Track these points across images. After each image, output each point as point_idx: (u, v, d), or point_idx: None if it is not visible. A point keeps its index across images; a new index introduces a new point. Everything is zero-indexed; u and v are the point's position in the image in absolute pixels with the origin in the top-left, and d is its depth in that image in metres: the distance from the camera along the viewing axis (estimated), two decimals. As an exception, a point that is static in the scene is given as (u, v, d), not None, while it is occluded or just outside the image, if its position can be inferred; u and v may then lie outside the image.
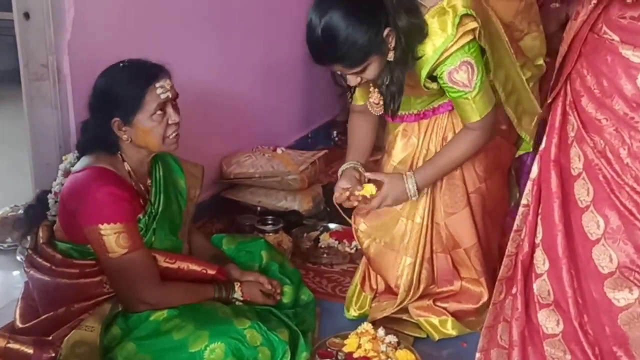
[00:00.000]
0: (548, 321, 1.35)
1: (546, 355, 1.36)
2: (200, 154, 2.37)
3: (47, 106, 2.01)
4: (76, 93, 2.04)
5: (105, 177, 1.74)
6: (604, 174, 1.22)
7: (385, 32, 1.67)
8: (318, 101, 3.69)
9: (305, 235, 2.67)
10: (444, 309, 2.07)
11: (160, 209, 1.90)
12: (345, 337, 1.99)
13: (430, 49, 1.73)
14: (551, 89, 1.35)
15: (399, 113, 1.95)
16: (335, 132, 3.82)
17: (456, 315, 2.07)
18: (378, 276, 2.14)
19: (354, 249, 2.57)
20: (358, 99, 2.00)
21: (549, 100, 1.37)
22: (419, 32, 1.71)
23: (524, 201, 1.44)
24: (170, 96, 1.79)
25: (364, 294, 2.17)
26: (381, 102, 1.84)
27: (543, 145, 1.37)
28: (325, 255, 2.56)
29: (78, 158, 1.85)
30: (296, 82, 3.46)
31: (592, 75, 1.22)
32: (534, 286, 1.38)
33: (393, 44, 1.69)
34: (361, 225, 2.08)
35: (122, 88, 1.75)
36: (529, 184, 1.42)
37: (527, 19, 2.06)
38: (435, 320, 2.06)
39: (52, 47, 1.96)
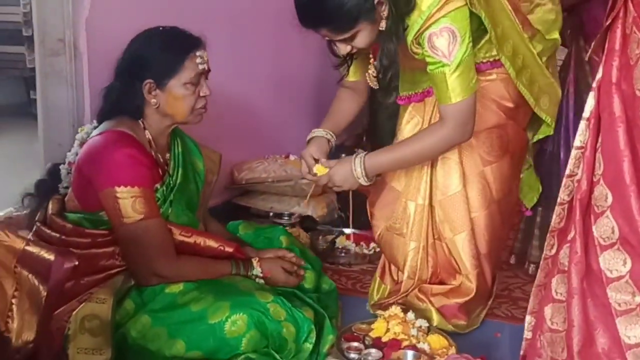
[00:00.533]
0: (612, 263, 1.25)
1: (610, 303, 1.25)
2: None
3: (62, 83, 1.96)
4: (92, 71, 2.00)
5: (125, 140, 1.67)
6: None
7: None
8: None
9: (321, 237, 2.57)
10: (430, 301, 1.94)
11: (178, 182, 1.81)
12: (372, 323, 1.87)
13: (416, 14, 1.65)
14: (609, 11, 1.30)
15: (406, 93, 1.91)
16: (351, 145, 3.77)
17: (441, 312, 1.92)
18: None
19: (372, 250, 2.47)
20: (351, 74, 1.92)
21: (606, 24, 1.31)
22: (408, 2, 1.64)
23: (576, 143, 1.35)
24: (206, 68, 1.76)
25: (383, 285, 2.06)
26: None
27: (600, 74, 1.30)
28: (343, 255, 2.46)
29: (95, 128, 1.79)
30: (308, 94, 3.44)
31: None
32: (594, 228, 1.28)
33: (385, 13, 1.63)
34: (375, 214, 2.03)
35: (160, 50, 1.72)
36: (583, 123, 1.34)
37: None
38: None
39: (69, 23, 1.93)
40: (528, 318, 1.46)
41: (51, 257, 0.98)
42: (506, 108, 1.85)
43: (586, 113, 1.33)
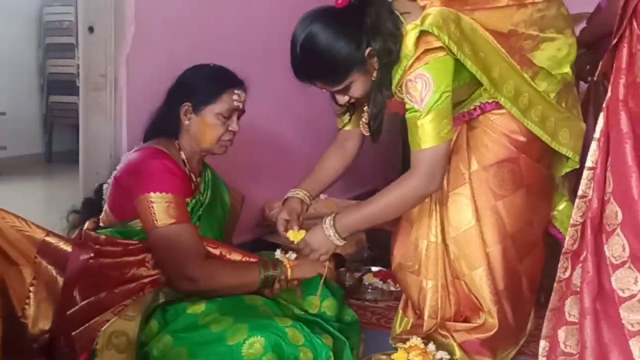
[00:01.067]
0: (624, 282, 1.24)
1: (623, 324, 1.23)
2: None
3: (102, 115, 2.08)
4: (130, 104, 2.11)
5: (160, 154, 1.81)
6: None
7: (367, 51, 1.67)
8: (363, 166, 3.70)
9: (348, 274, 2.58)
10: (452, 337, 1.90)
11: (207, 201, 1.93)
12: (392, 354, 1.85)
13: (400, 65, 1.71)
14: (615, 30, 1.33)
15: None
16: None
17: (463, 347, 1.88)
18: None
19: (399, 287, 2.46)
20: (350, 124, 1.97)
21: (613, 42, 1.34)
22: (393, 56, 1.68)
23: (588, 164, 1.37)
24: (241, 107, 1.90)
25: (406, 318, 2.05)
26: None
27: (609, 93, 1.32)
28: (369, 291, 2.46)
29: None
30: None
31: None
32: (605, 248, 1.28)
33: (377, 64, 1.70)
34: (393, 249, 2.02)
35: (204, 79, 1.88)
36: (593, 144, 1.36)
37: (539, 25, 1.83)
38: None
39: (111, 59, 2.05)
40: (542, 343, 1.44)
41: (69, 248, 1.03)
42: (517, 142, 1.84)
43: (597, 133, 1.34)
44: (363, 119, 1.87)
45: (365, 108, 1.82)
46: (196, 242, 1.77)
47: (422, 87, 1.65)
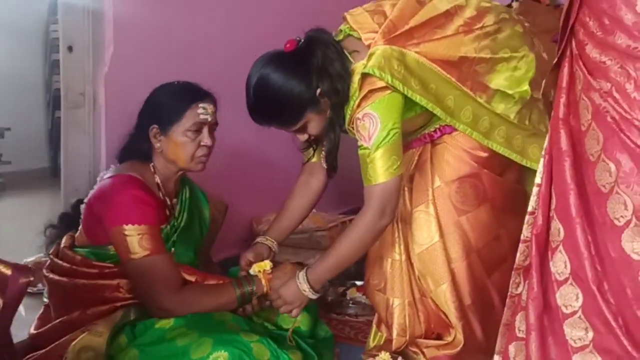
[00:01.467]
0: (567, 299, 1.24)
1: (567, 340, 1.24)
2: (231, 211, 2.40)
3: (81, 133, 2.13)
4: (109, 122, 2.16)
5: (133, 182, 1.79)
6: (612, 115, 1.16)
7: (318, 91, 1.71)
8: (356, 180, 3.71)
9: (331, 289, 2.59)
10: (422, 353, 1.91)
11: (182, 225, 1.92)
12: (362, 369, 1.87)
13: (350, 104, 1.74)
14: (557, 49, 1.34)
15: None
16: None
17: None
18: None
19: (381, 302, 2.46)
20: (314, 157, 1.99)
21: (554, 61, 1.35)
22: (342, 96, 1.72)
23: (536, 180, 1.37)
24: (210, 120, 1.86)
25: (379, 333, 2.05)
26: None
27: (553, 112, 1.33)
28: (351, 305, 2.47)
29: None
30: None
31: (594, 18, 1.21)
32: (551, 264, 1.28)
33: (327, 104, 1.74)
34: (365, 272, 2.05)
35: (168, 99, 1.85)
36: (541, 160, 1.37)
37: (491, 48, 1.81)
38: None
39: (89, 78, 2.10)
40: (496, 358, 1.44)
41: (8, 271, 1.06)
42: (478, 157, 1.84)
43: (543, 150, 1.35)
44: (323, 153, 1.91)
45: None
46: (170, 272, 1.77)
47: (370, 125, 1.68)
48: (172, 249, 1.86)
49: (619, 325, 1.17)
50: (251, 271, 1.87)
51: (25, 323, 1.90)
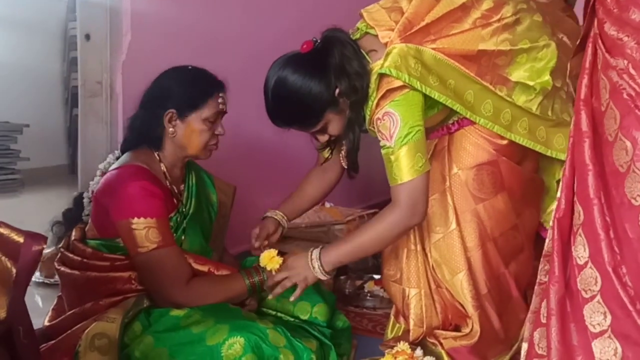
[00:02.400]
0: (586, 283, 1.20)
1: (586, 326, 1.20)
2: (247, 204, 2.39)
3: (99, 122, 2.12)
4: (126, 111, 2.15)
5: (139, 173, 1.76)
6: (629, 92, 1.14)
7: (336, 90, 1.69)
8: (376, 177, 3.68)
9: (348, 282, 2.57)
10: (440, 344, 1.87)
11: (191, 211, 1.90)
12: (380, 359, 1.83)
13: (369, 104, 1.72)
14: (582, 30, 1.31)
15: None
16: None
17: (451, 354, 1.86)
18: None
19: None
20: (327, 153, 1.97)
21: (577, 42, 1.32)
22: (361, 95, 1.70)
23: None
24: (225, 110, 1.87)
25: (397, 324, 2.02)
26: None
27: (576, 93, 1.30)
28: (369, 298, 2.44)
29: (117, 159, 1.91)
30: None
31: None
32: (573, 249, 1.25)
33: (346, 104, 1.71)
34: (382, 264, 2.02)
35: (187, 85, 1.82)
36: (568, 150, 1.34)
37: (510, 40, 1.77)
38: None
39: (107, 66, 2.10)
40: (524, 345, 1.40)
41: (21, 239, 1.05)
42: (498, 145, 1.81)
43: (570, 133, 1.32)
44: (342, 152, 1.88)
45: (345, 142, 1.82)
46: (179, 265, 1.75)
47: (390, 124, 1.66)
48: (183, 236, 1.84)
49: (636, 309, 1.14)
50: (262, 259, 1.81)
51: (42, 314, 1.89)
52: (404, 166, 1.67)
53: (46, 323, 1.85)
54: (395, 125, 1.66)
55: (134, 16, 2.15)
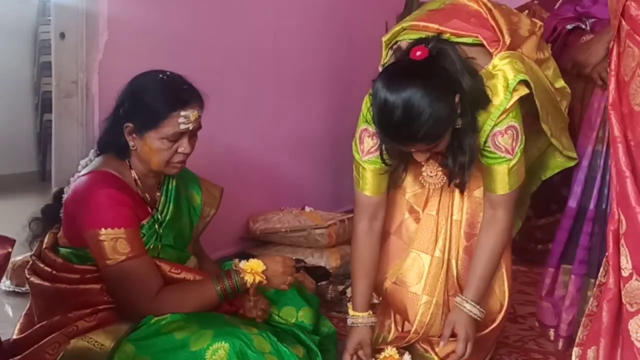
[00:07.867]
0: (632, 296, 1.16)
1: (633, 342, 1.16)
2: (228, 208, 2.33)
3: (74, 122, 2.05)
4: (102, 111, 2.08)
5: (107, 180, 1.68)
6: None
7: (456, 99, 1.59)
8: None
9: (330, 287, 2.53)
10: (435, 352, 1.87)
11: (167, 218, 1.81)
12: (367, 365, 1.80)
13: (486, 115, 1.65)
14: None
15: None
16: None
17: None
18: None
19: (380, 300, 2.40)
20: (375, 190, 1.82)
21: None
22: (484, 96, 1.64)
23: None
24: (191, 128, 1.70)
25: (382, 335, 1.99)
26: (439, 174, 1.76)
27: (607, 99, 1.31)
28: (350, 304, 2.39)
29: (96, 156, 1.82)
30: (325, 150, 3.48)
31: None
32: (621, 259, 1.22)
33: (459, 110, 1.60)
34: (380, 267, 1.94)
35: (148, 99, 1.68)
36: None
37: (539, 48, 1.93)
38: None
39: (83, 66, 2.03)
40: (575, 350, 1.35)
41: (-14, 243, 0.99)
42: None
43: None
44: (425, 173, 1.79)
45: (425, 161, 1.72)
46: (148, 277, 1.66)
47: (513, 138, 1.67)
48: (159, 244, 1.75)
49: None
50: (241, 265, 1.74)
51: (12, 324, 1.81)
52: (516, 175, 1.72)
53: (16, 332, 1.77)
54: (517, 138, 1.68)
55: (110, 13, 2.08)
